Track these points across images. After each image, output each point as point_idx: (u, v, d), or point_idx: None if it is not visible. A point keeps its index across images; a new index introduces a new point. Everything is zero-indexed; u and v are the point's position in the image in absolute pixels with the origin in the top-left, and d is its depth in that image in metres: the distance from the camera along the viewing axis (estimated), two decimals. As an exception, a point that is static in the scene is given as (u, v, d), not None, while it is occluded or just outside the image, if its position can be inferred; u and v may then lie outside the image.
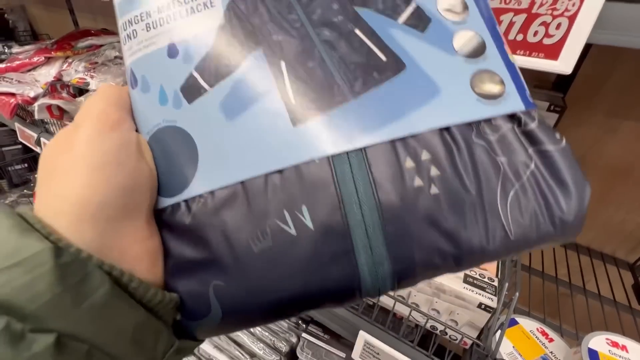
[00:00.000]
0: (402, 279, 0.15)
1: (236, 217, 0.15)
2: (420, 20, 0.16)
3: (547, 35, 0.22)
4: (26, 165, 1.23)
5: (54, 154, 0.15)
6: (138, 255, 0.15)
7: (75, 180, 0.14)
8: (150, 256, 0.16)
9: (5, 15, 1.26)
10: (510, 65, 0.16)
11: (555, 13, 0.21)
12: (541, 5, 0.22)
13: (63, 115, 0.74)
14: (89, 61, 0.79)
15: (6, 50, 1.02)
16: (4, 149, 1.20)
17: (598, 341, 0.42)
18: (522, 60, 0.23)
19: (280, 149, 0.15)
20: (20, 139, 0.89)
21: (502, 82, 0.15)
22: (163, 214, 0.16)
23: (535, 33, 0.22)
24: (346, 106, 0.15)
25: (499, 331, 0.41)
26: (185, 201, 0.16)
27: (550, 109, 0.46)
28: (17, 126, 0.86)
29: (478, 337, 0.43)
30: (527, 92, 0.16)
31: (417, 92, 0.15)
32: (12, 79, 0.81)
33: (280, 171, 0.15)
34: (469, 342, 0.42)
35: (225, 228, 0.15)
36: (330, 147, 0.14)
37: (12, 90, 0.78)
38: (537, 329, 0.47)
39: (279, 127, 0.15)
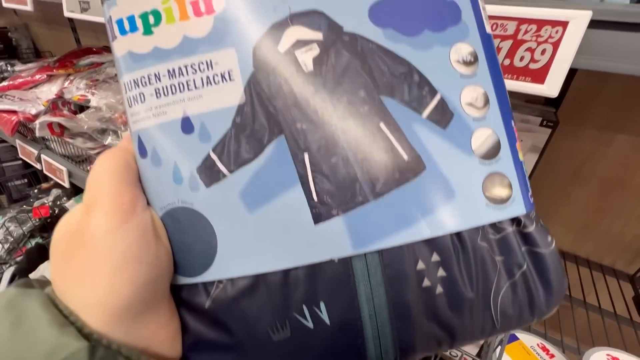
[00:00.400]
0: (402, 359, 0.16)
1: (256, 307, 0.15)
2: (443, 116, 0.15)
3: (532, 60, 0.23)
4: (26, 180, 1.23)
5: (69, 243, 0.15)
6: (162, 339, 0.15)
7: (97, 282, 0.14)
8: (172, 337, 0.16)
9: (9, 34, 1.29)
10: (518, 165, 0.16)
11: (540, 40, 0.22)
12: (526, 32, 0.22)
13: (64, 133, 0.75)
14: (90, 78, 0.80)
15: (9, 68, 1.03)
16: (4, 164, 1.21)
17: (599, 357, 0.41)
18: (509, 84, 0.24)
19: (301, 247, 0.15)
20: (20, 156, 0.90)
21: (510, 186, 0.16)
22: (180, 291, 0.16)
23: (522, 58, 0.23)
24: (367, 207, 0.15)
25: (499, 347, 0.41)
26: (204, 283, 0.16)
27: (543, 124, 0.47)
28: (18, 143, 0.87)
29: (478, 354, 0.42)
30: (530, 192, 0.17)
31: (434, 195, 0.15)
32: (14, 96, 0.83)
33: (300, 266, 0.15)
34: (469, 358, 0.42)
35: (245, 316, 0.15)
36: (350, 248, 0.15)
37: (14, 107, 0.79)
38: (538, 345, 0.47)
39: (301, 225, 0.15)
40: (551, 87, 0.22)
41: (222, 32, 0.15)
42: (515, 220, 0.16)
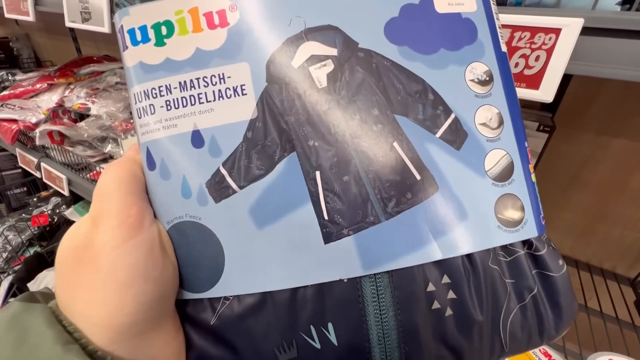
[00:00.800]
0: None
1: (262, 326, 0.15)
2: (457, 136, 0.15)
3: (527, 66, 0.23)
4: (25, 189, 1.23)
5: (74, 258, 0.14)
6: (166, 356, 0.15)
7: (102, 299, 0.13)
8: (177, 354, 0.16)
9: (10, 44, 1.30)
10: (531, 186, 0.16)
11: (534, 46, 0.22)
12: (520, 39, 0.23)
13: (64, 141, 0.75)
14: (91, 87, 0.81)
15: (10, 78, 1.04)
16: (3, 173, 1.21)
17: (601, 362, 0.41)
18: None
19: (310, 266, 0.15)
20: (20, 164, 0.90)
21: (522, 209, 0.16)
22: (186, 306, 0.16)
23: (516, 64, 0.23)
24: (378, 227, 0.15)
25: (501, 353, 0.40)
26: (210, 299, 0.15)
27: (540, 129, 0.47)
28: (18, 151, 0.88)
29: None
30: (542, 214, 0.17)
31: (446, 217, 0.15)
32: (14, 105, 0.83)
33: (309, 285, 0.15)
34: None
35: (251, 335, 0.15)
36: (360, 269, 0.15)
37: (15, 116, 0.79)
38: (540, 350, 0.46)
39: (311, 243, 0.15)
40: (546, 93, 0.23)
41: (235, 46, 0.15)
42: (527, 243, 0.16)
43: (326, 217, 0.15)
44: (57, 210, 1.05)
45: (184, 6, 0.15)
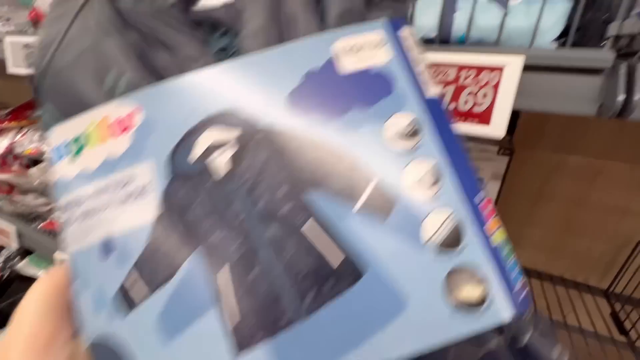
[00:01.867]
0: None
1: None
2: (382, 205, 0.13)
3: (476, 104, 0.23)
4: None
5: None
6: None
7: None
8: None
9: (-40, 87, 1.23)
10: (493, 251, 0.13)
11: (480, 84, 0.23)
12: (466, 77, 0.23)
13: (13, 190, 0.70)
14: (46, 130, 0.76)
15: (-44, 123, 0.97)
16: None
17: (587, 386, 0.40)
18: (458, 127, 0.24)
19: None
20: (-36, 216, 0.82)
21: (483, 282, 0.12)
22: None
23: (466, 102, 0.24)
24: (295, 329, 0.13)
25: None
26: None
27: (500, 153, 0.49)
28: (-38, 203, 0.80)
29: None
30: (519, 285, 0.13)
31: (377, 308, 0.12)
32: (-42, 153, 0.77)
33: None
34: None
35: None
36: None
37: (-43, 166, 0.73)
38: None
39: (218, 358, 0.13)
40: (496, 128, 0.23)
41: (139, 147, 0.15)
42: (505, 329, 0.13)
43: (234, 324, 0.13)
44: (8, 265, 0.96)
45: (96, 117, 0.15)
